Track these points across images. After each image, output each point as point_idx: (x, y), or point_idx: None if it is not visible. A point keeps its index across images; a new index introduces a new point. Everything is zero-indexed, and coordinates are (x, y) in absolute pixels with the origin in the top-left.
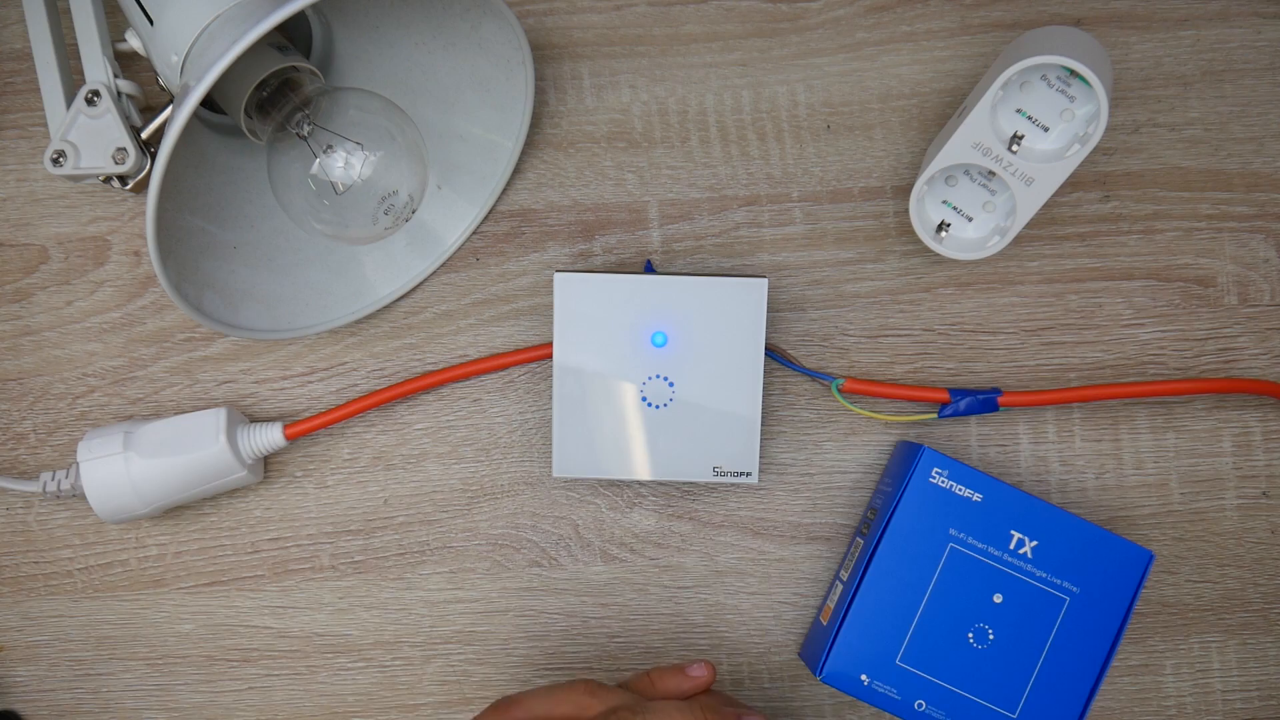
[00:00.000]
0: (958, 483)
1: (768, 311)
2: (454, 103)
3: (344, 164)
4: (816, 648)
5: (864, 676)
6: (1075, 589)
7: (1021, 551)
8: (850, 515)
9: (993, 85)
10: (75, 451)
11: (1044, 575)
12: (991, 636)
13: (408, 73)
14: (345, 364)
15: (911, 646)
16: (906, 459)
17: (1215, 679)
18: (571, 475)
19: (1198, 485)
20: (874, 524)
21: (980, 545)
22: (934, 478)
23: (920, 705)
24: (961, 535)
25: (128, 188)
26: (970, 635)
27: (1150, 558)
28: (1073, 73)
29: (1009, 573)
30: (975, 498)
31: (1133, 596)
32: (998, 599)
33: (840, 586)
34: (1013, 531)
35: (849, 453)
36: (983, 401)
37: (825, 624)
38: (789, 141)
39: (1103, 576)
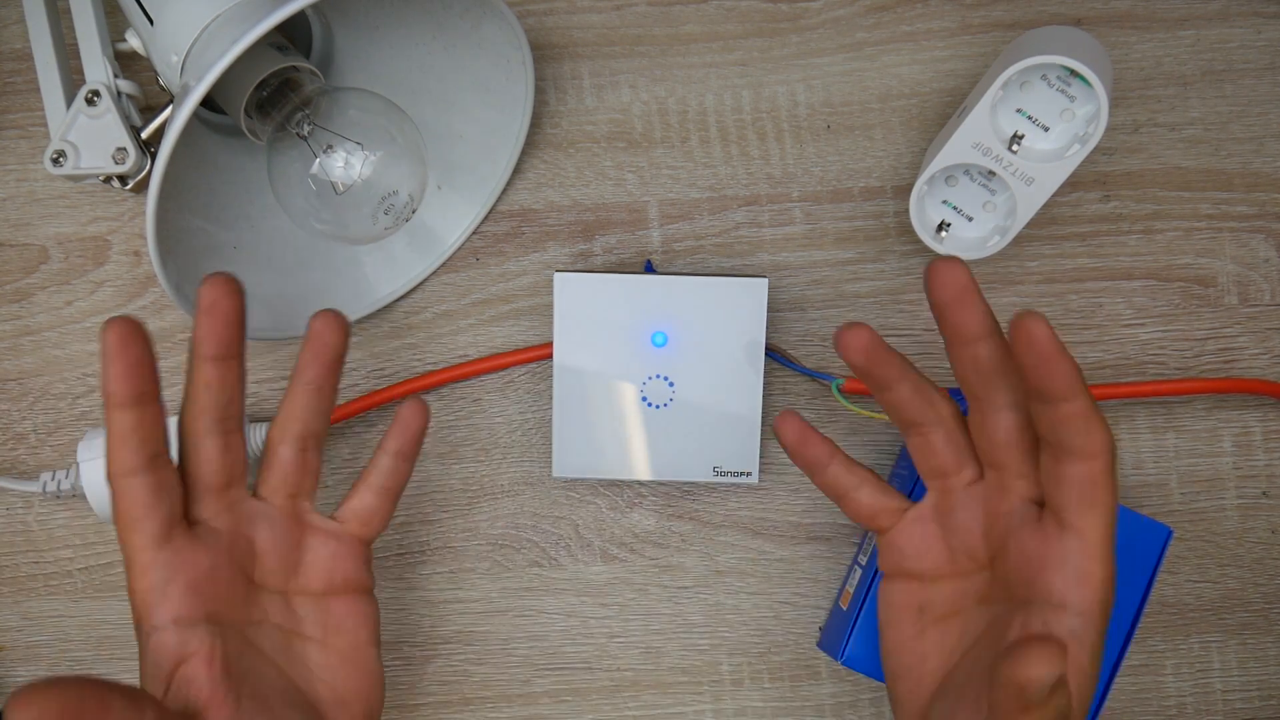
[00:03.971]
0: None
1: (768, 311)
2: (454, 103)
3: (344, 164)
4: (836, 633)
5: None
6: None
7: None
8: None
9: (993, 85)
10: (75, 451)
11: None
12: None
13: (408, 73)
14: (345, 364)
15: None
16: None
17: (1215, 679)
18: (571, 475)
19: (1198, 485)
20: None
21: None
22: None
23: None
24: None
25: (128, 188)
26: None
27: (1169, 534)
28: (1073, 73)
29: None
30: None
31: (1152, 572)
32: None
33: (859, 571)
34: None
35: (849, 452)
36: None
37: (845, 609)
38: (789, 141)
39: (1122, 553)
